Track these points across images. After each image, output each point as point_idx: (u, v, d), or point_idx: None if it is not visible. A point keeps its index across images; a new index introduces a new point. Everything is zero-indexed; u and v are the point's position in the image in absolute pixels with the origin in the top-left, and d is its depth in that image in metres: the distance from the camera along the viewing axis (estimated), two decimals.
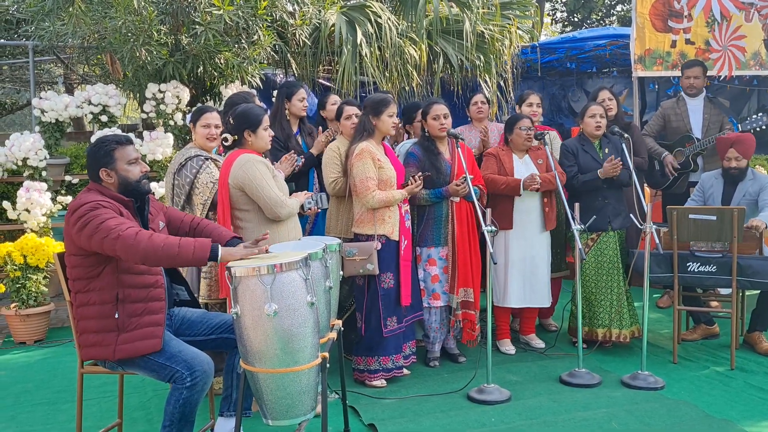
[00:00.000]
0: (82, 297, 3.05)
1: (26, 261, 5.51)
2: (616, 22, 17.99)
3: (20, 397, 4.38)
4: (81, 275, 3.03)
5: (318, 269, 3.06)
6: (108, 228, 2.88)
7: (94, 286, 3.02)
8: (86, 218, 2.92)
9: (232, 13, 5.57)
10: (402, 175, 4.45)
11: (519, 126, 4.86)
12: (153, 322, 3.03)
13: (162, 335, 3.03)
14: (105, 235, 2.87)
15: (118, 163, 3.09)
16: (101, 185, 3.10)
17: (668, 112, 6.04)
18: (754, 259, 4.56)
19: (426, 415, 3.91)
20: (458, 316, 4.64)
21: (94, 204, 2.95)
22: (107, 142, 3.12)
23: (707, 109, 5.93)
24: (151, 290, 3.07)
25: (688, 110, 5.95)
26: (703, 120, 5.90)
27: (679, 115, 5.96)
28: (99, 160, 3.08)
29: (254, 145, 3.78)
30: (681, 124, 5.95)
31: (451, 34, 7.15)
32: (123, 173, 3.10)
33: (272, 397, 2.79)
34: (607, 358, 4.80)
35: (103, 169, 3.07)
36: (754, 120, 5.65)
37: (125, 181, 3.11)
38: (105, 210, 2.94)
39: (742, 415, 3.86)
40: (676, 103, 6.04)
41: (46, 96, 6.22)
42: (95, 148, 3.11)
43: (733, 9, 6.61)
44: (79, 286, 3.06)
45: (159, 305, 3.08)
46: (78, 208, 2.97)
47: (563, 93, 10.08)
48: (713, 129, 5.84)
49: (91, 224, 2.90)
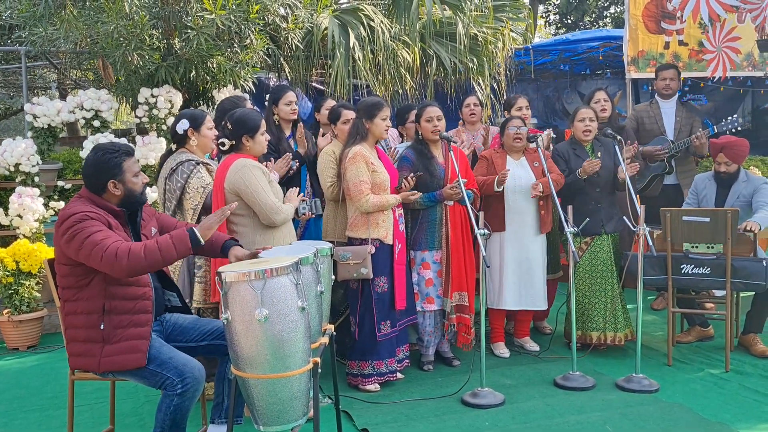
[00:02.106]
0: (71, 305, 3.03)
1: (19, 267, 5.49)
2: (609, 24, 18.07)
3: (13, 403, 4.36)
4: (70, 284, 3.01)
5: (309, 274, 3.04)
6: (93, 243, 2.85)
7: (82, 295, 2.99)
8: (74, 230, 2.88)
9: (225, 18, 5.56)
10: (396, 179, 4.45)
11: (508, 126, 4.87)
12: (138, 335, 2.99)
13: (147, 349, 2.99)
14: (90, 251, 2.85)
15: (126, 175, 3.04)
16: (96, 195, 3.03)
17: (641, 114, 6.08)
18: (748, 261, 4.55)
19: (420, 419, 3.90)
20: (452, 320, 4.63)
21: (81, 215, 2.91)
22: (116, 152, 3.03)
23: (679, 112, 5.99)
24: (138, 302, 3.04)
25: (662, 113, 5.99)
26: (675, 122, 5.94)
27: (653, 118, 6.00)
28: (108, 171, 3.00)
29: (252, 150, 3.77)
30: (654, 126, 5.99)
31: (444, 36, 7.15)
32: (130, 185, 3.05)
33: (263, 403, 2.77)
34: (601, 361, 4.79)
35: (113, 180, 3.01)
36: (729, 122, 5.68)
37: (131, 193, 3.06)
38: (92, 222, 2.90)
39: (736, 417, 3.85)
40: (650, 105, 6.08)
41: (38, 101, 6.19)
42: (104, 158, 3.02)
43: (721, 11, 6.64)
44: (67, 295, 3.04)
45: (145, 318, 3.04)
46: (67, 218, 2.93)
47: (557, 95, 10.10)
48: (684, 132, 5.90)
49: (78, 237, 2.87)
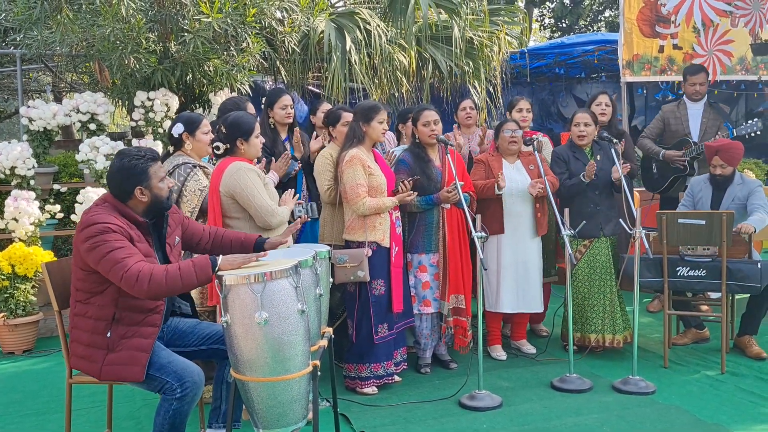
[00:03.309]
0: (81, 307, 3.01)
1: (14, 270, 5.47)
2: (603, 28, 18.11)
3: (9, 407, 4.34)
4: (85, 287, 2.99)
5: (308, 277, 3.05)
6: (114, 261, 2.81)
7: (95, 301, 2.97)
8: (95, 241, 2.84)
9: (221, 21, 5.56)
10: (392, 182, 4.45)
11: (503, 129, 4.88)
12: (141, 346, 2.96)
13: (146, 363, 2.95)
14: (110, 268, 2.82)
15: (153, 181, 2.99)
16: (121, 203, 2.99)
17: (668, 115, 6.03)
18: (743, 263, 4.57)
19: (417, 422, 3.90)
20: (449, 323, 4.64)
21: (104, 227, 2.86)
22: (142, 157, 2.98)
23: (706, 114, 5.91)
24: (148, 316, 3.02)
25: (688, 114, 5.94)
26: (701, 125, 5.88)
27: (679, 119, 5.96)
28: (136, 177, 2.95)
29: (246, 153, 3.78)
30: (680, 127, 5.94)
31: (440, 40, 7.16)
32: (156, 191, 3.01)
33: (263, 406, 2.77)
34: (598, 363, 4.80)
35: (139, 187, 2.96)
36: (749, 125, 5.66)
37: (157, 200, 3.02)
38: (114, 236, 2.86)
39: (732, 419, 3.87)
40: (677, 106, 6.02)
41: (34, 104, 6.18)
42: (130, 164, 2.96)
43: (714, 16, 6.67)
44: (80, 296, 3.02)
45: (151, 330, 3.02)
46: (89, 225, 2.88)
47: (552, 98, 10.14)
48: (710, 134, 5.82)
49: (99, 249, 2.83)
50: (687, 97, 5.98)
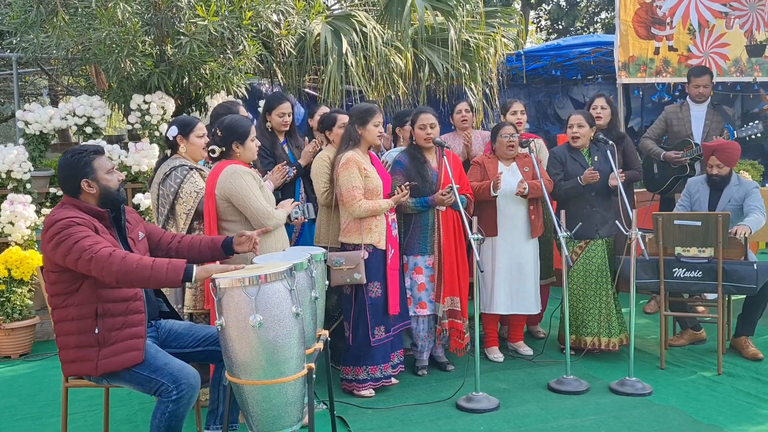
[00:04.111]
0: (61, 312, 3.02)
1: (10, 274, 5.46)
2: (599, 30, 18.14)
3: (5, 411, 4.33)
4: (59, 291, 3.00)
5: (303, 279, 3.05)
6: (82, 248, 2.84)
7: (73, 301, 2.98)
8: (60, 236, 2.88)
9: (217, 24, 5.56)
10: (388, 184, 4.46)
11: (501, 134, 4.89)
12: (133, 334, 3.00)
13: (143, 347, 2.99)
14: (78, 255, 2.84)
15: (99, 173, 3.06)
16: (76, 199, 3.05)
17: (671, 116, 6.01)
18: (739, 264, 4.58)
19: (414, 424, 3.90)
20: (444, 325, 4.64)
21: (67, 221, 2.91)
22: (84, 152, 3.06)
23: (710, 116, 5.89)
24: (130, 303, 3.04)
25: (691, 116, 5.92)
26: (704, 126, 5.85)
27: (681, 120, 5.94)
28: (79, 171, 3.02)
29: (242, 156, 3.78)
30: (682, 128, 5.91)
31: (436, 42, 7.17)
32: (104, 183, 3.06)
33: (258, 409, 2.77)
34: (594, 365, 4.80)
35: (85, 179, 3.03)
36: (750, 128, 5.66)
37: (107, 191, 3.07)
38: (79, 228, 2.90)
39: (729, 419, 3.87)
40: (680, 108, 6.00)
41: (30, 108, 6.18)
42: (73, 159, 3.05)
43: (710, 17, 6.68)
44: (57, 302, 3.02)
45: (139, 318, 3.05)
46: (52, 225, 2.93)
47: (549, 100, 10.15)
48: (713, 135, 5.81)
49: (65, 243, 2.87)
50: (690, 98, 5.97)
